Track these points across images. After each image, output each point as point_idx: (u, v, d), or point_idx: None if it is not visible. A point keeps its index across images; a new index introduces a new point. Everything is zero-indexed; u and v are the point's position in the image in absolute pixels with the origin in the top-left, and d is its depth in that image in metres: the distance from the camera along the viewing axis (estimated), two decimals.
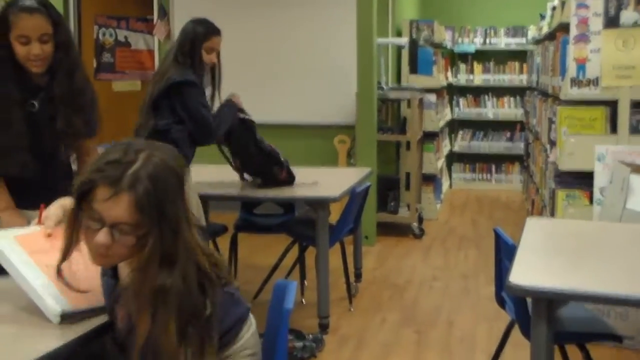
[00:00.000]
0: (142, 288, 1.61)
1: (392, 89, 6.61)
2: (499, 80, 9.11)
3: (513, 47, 9.02)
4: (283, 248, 4.60)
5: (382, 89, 6.37)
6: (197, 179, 3.89)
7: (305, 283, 4.72)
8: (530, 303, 2.25)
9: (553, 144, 4.40)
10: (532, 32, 8.58)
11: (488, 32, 9.10)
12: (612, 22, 3.91)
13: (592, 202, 3.85)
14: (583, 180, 3.92)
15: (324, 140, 6.69)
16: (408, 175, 6.66)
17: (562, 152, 4.00)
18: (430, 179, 7.22)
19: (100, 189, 1.60)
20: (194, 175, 3.66)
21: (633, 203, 3.25)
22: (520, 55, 8.87)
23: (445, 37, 8.48)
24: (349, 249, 4.66)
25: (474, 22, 9.13)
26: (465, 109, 9.24)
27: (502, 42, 9.08)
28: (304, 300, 4.56)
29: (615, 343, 2.97)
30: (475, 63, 9.17)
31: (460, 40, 9.15)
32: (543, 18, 7.10)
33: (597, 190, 3.78)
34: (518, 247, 2.53)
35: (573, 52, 3.97)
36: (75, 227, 1.68)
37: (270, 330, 2.03)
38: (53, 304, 1.81)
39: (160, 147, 1.70)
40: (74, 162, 2.98)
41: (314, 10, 6.74)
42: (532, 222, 2.99)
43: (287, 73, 6.83)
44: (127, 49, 8.09)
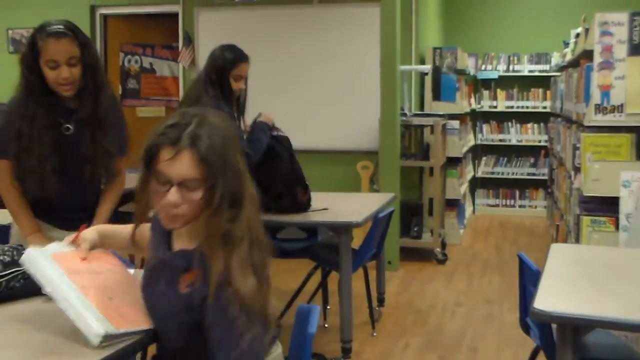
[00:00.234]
0: (216, 231, 1.74)
1: (415, 115, 6.64)
2: (523, 107, 9.10)
3: (536, 73, 9.02)
4: (306, 273, 4.62)
5: (405, 115, 6.41)
6: None
7: (328, 307, 4.72)
8: (556, 329, 2.24)
9: (577, 170, 4.39)
10: (555, 59, 8.59)
11: (511, 58, 9.12)
12: (636, 49, 3.91)
13: (617, 228, 3.83)
14: (608, 207, 3.90)
15: (347, 166, 6.72)
16: (431, 201, 6.66)
17: (586, 178, 3.99)
18: (454, 205, 7.21)
19: (164, 151, 1.73)
20: None
21: None
22: (544, 82, 8.87)
23: (469, 63, 8.51)
24: (372, 274, 4.66)
25: (498, 48, 9.15)
26: (489, 135, 9.23)
27: (525, 68, 9.08)
28: (327, 325, 4.56)
29: None
30: (499, 89, 9.18)
31: (484, 67, 9.17)
32: (567, 45, 7.11)
33: (622, 217, 3.76)
34: (543, 272, 2.53)
35: (597, 79, 3.97)
36: (146, 191, 1.80)
37: (293, 354, 2.04)
38: (96, 325, 1.77)
39: (211, 110, 1.86)
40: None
41: (338, 37, 6.80)
42: (556, 248, 2.98)
43: (310, 99, 6.89)
44: (152, 76, 8.20)
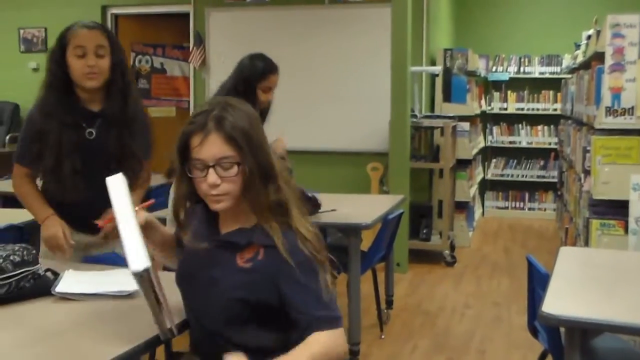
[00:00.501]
0: (261, 203, 1.90)
1: (425, 117, 6.64)
2: (533, 109, 9.08)
3: (547, 75, 8.99)
4: None
5: (415, 117, 6.40)
6: None
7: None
8: (564, 333, 2.24)
9: (587, 173, 4.38)
10: (566, 60, 8.56)
11: (522, 60, 9.09)
12: None
13: (627, 231, 3.82)
14: (617, 210, 3.89)
15: (357, 167, 6.73)
16: (440, 203, 6.65)
17: (596, 181, 3.97)
18: (463, 207, 7.20)
19: (194, 139, 1.88)
20: None
21: None
22: (555, 84, 8.84)
23: (479, 65, 8.50)
24: (381, 276, 4.66)
25: (508, 50, 9.13)
26: (499, 137, 9.21)
27: (536, 70, 9.05)
28: None
29: None
30: (509, 91, 9.16)
31: (494, 69, 9.15)
32: (578, 47, 7.09)
33: (632, 220, 3.75)
34: (551, 276, 2.53)
35: (608, 81, 3.95)
36: (184, 180, 1.94)
37: None
38: (144, 258, 1.69)
39: (232, 98, 2.00)
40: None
41: (349, 38, 6.81)
42: (565, 251, 2.98)
43: (321, 99, 6.90)
44: (162, 76, 8.22)
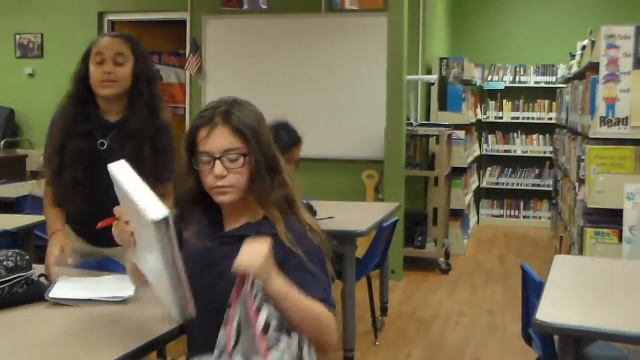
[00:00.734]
0: (268, 196, 1.95)
1: (421, 125, 6.66)
2: (528, 118, 9.11)
3: (542, 85, 9.03)
4: None
5: (411, 125, 6.42)
6: None
7: None
8: (558, 341, 2.25)
9: (582, 182, 4.39)
10: (561, 70, 8.60)
11: (518, 70, 9.13)
12: None
13: (621, 240, 3.83)
14: (612, 219, 3.90)
15: (352, 175, 6.74)
16: (436, 211, 6.66)
17: (591, 190, 3.99)
18: (458, 215, 7.21)
19: (201, 132, 1.93)
20: None
21: None
22: (550, 94, 8.87)
23: (475, 74, 8.52)
24: (376, 284, 4.67)
25: (504, 59, 9.16)
26: (495, 146, 9.24)
27: (531, 80, 9.09)
28: None
29: None
30: (505, 100, 9.19)
31: (490, 78, 9.18)
32: (573, 57, 7.12)
33: (626, 229, 3.76)
34: (546, 284, 2.53)
35: (603, 91, 3.97)
36: (192, 174, 1.98)
37: None
38: (163, 207, 1.63)
39: (238, 98, 2.05)
40: None
41: (345, 46, 6.83)
42: (560, 259, 2.99)
43: (317, 107, 6.91)
44: (159, 83, 8.22)
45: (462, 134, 7.15)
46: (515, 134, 9.18)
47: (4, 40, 8.06)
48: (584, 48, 5.86)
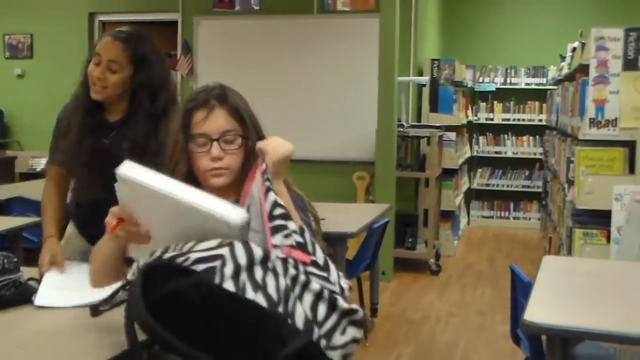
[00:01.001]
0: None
1: (412, 127, 6.67)
2: (519, 119, 9.15)
3: (533, 86, 9.06)
4: None
5: (402, 126, 6.43)
6: None
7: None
8: (545, 341, 2.25)
9: (571, 183, 4.41)
10: (552, 72, 8.64)
11: (509, 71, 9.16)
12: (631, 64, 3.94)
13: (609, 241, 3.85)
14: (600, 220, 3.92)
15: (343, 176, 6.74)
16: (426, 212, 6.68)
17: (579, 191, 4.01)
18: (448, 216, 7.23)
19: (197, 114, 1.95)
20: None
21: None
22: (540, 95, 8.90)
23: (466, 75, 8.55)
24: (366, 285, 4.67)
25: (495, 61, 9.20)
26: (485, 147, 9.27)
27: (522, 81, 9.13)
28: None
29: None
30: (496, 102, 9.22)
31: (481, 79, 9.21)
32: (563, 59, 7.15)
33: (614, 230, 3.78)
34: (534, 284, 2.54)
35: (592, 93, 3.99)
36: (189, 157, 1.97)
37: None
38: (237, 210, 1.67)
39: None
40: None
41: (337, 48, 6.83)
42: (548, 260, 3.00)
43: (308, 108, 6.91)
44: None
45: (452, 135, 7.17)
46: (506, 136, 9.21)
47: None
48: (574, 50, 5.88)
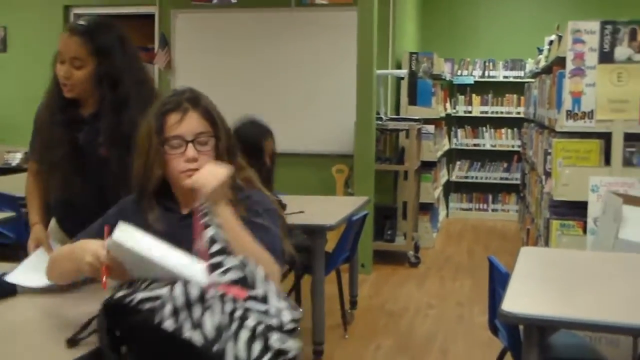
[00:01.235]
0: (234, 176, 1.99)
1: (390, 120, 6.68)
2: (497, 112, 9.20)
3: (511, 79, 9.11)
4: None
5: (380, 120, 6.44)
6: None
7: (301, 310, 4.72)
8: (522, 330, 2.28)
9: (548, 175, 4.44)
10: (530, 65, 8.68)
11: (487, 64, 9.20)
12: (606, 57, 3.97)
13: (585, 231, 3.89)
14: (577, 211, 3.96)
15: (322, 169, 6.74)
16: (405, 205, 6.70)
17: (557, 182, 4.04)
18: (427, 208, 7.26)
19: (170, 117, 1.98)
20: None
21: (625, 233, 3.28)
22: (518, 88, 8.96)
23: (445, 69, 8.57)
24: (345, 277, 4.68)
25: (473, 54, 9.23)
26: (463, 140, 9.31)
27: (500, 74, 9.17)
28: (299, 327, 4.56)
29: None
30: (474, 95, 9.26)
31: (459, 72, 9.24)
32: (541, 52, 7.19)
33: (590, 221, 3.82)
34: (511, 275, 2.56)
35: (569, 85, 4.02)
36: (162, 160, 1.99)
37: None
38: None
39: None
40: None
41: (315, 41, 6.82)
42: (526, 251, 3.02)
43: (286, 101, 6.90)
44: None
45: (431, 128, 7.19)
46: (484, 128, 9.26)
47: None
48: (551, 43, 5.92)
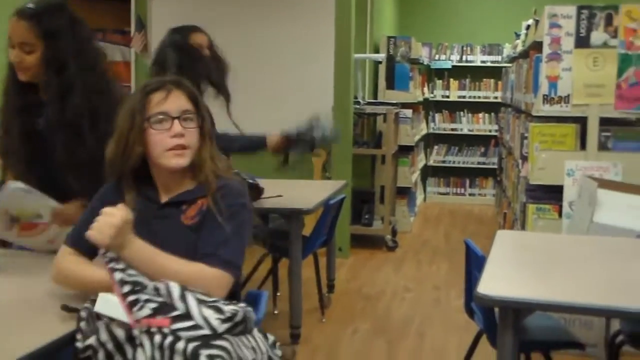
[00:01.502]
0: (207, 159, 2.04)
1: (368, 104, 6.68)
2: (475, 97, 9.23)
3: (489, 64, 9.14)
4: (256, 259, 4.62)
5: (358, 104, 6.44)
6: None
7: (278, 294, 4.74)
8: (498, 313, 2.29)
9: (525, 159, 4.47)
10: (507, 50, 8.71)
11: (465, 49, 9.22)
12: (583, 42, 3.99)
13: (561, 215, 3.93)
14: (553, 195, 3.99)
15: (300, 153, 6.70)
16: (383, 189, 6.71)
17: (533, 167, 4.07)
18: (405, 193, 7.28)
19: (155, 95, 2.00)
20: None
21: (599, 217, 3.31)
22: (496, 72, 8.99)
23: (422, 53, 8.57)
24: (322, 261, 4.69)
25: (451, 39, 9.24)
26: (441, 124, 9.34)
27: (478, 59, 9.20)
28: (277, 311, 4.58)
29: (579, 351, 3.03)
30: (452, 79, 9.28)
31: (437, 57, 9.25)
32: (518, 36, 7.22)
33: (566, 205, 3.86)
34: (488, 259, 2.58)
35: (545, 70, 4.04)
36: (143, 139, 1.98)
37: None
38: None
39: None
40: None
41: (293, 24, 6.78)
42: (502, 234, 3.04)
43: (263, 85, 6.86)
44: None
45: (409, 113, 7.20)
46: (462, 113, 9.29)
47: None
48: (528, 27, 5.94)
